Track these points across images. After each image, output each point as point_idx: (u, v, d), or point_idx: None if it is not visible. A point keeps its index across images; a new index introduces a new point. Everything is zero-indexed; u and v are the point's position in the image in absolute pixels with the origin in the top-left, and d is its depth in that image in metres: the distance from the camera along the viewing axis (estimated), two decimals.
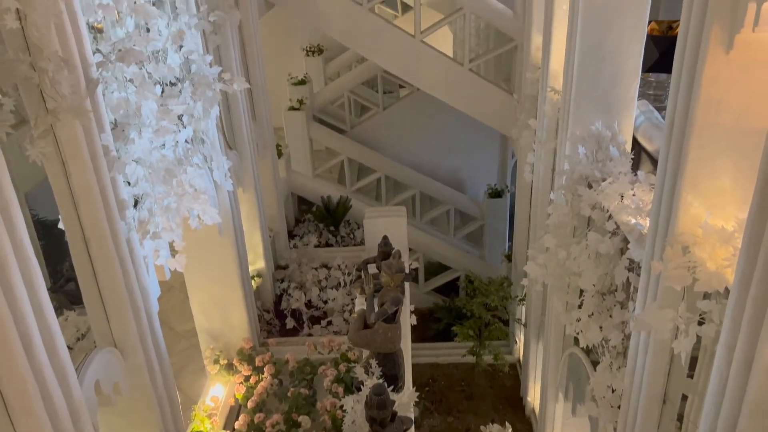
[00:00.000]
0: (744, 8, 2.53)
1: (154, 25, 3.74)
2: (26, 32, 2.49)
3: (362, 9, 7.94)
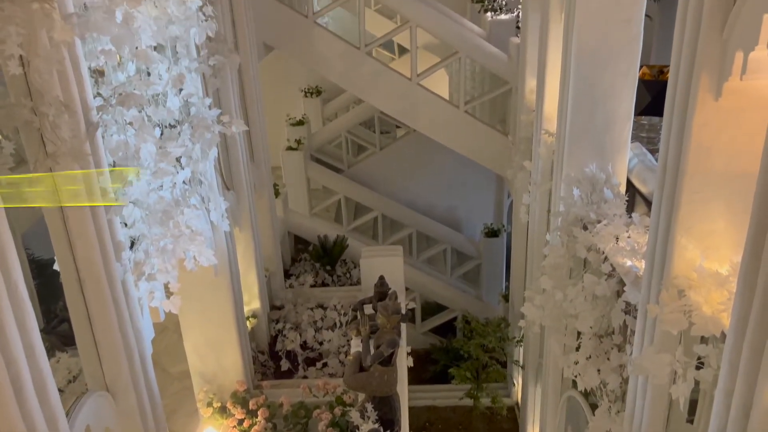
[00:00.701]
0: (731, 57, 2.59)
1: (155, 69, 3.81)
2: (29, 78, 2.53)
3: (360, 53, 8.10)
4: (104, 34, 3.05)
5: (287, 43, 8.14)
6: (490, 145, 8.32)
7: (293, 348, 6.66)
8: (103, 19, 3.02)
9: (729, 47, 2.61)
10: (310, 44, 7.98)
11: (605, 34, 4.55)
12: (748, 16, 2.48)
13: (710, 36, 2.64)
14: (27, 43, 2.44)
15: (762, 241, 2.17)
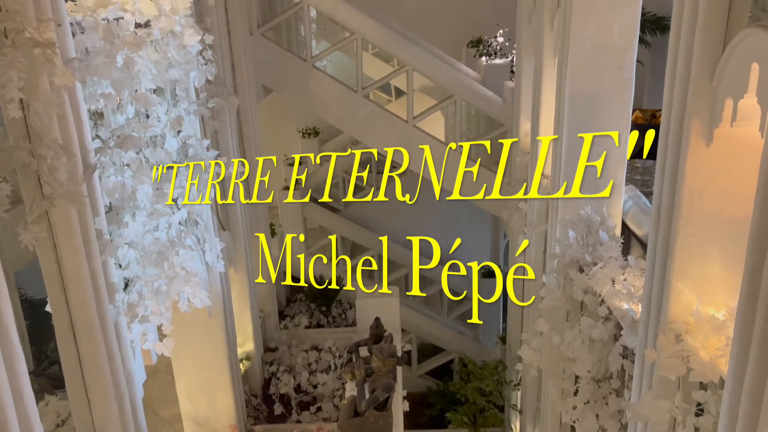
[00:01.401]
0: (721, 105, 2.64)
1: (154, 111, 3.86)
2: (28, 121, 2.56)
3: (357, 95, 8.22)
4: (105, 78, 3.10)
5: (286, 85, 8.27)
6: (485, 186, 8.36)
7: (287, 391, 6.55)
8: (104, 63, 3.08)
9: (719, 95, 2.66)
10: (308, 87, 8.09)
11: (598, 80, 4.63)
12: (736, 64, 2.53)
13: (700, 83, 2.69)
14: (28, 87, 2.47)
15: (757, 287, 2.16)
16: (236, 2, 5.95)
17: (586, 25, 4.66)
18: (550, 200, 5.45)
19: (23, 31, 2.35)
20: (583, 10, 4.63)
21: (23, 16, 2.40)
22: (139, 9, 3.60)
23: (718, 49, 2.70)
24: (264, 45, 7.91)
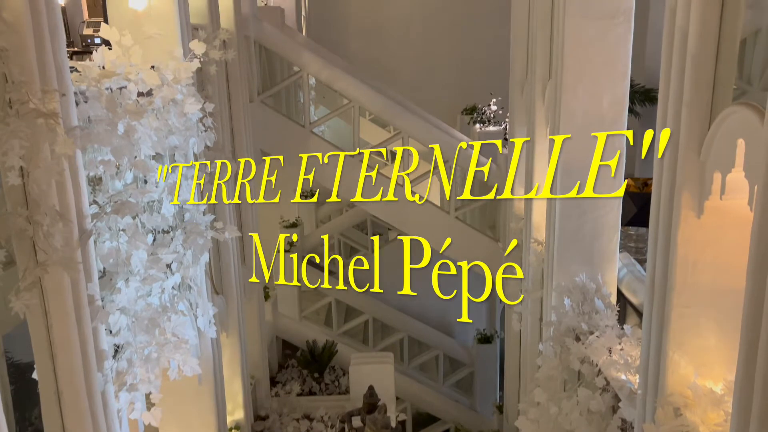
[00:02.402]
0: (710, 178, 2.69)
1: (152, 177, 3.90)
2: (27, 188, 2.58)
3: (354, 160, 8.34)
4: (105, 145, 3.15)
5: (284, 150, 8.39)
6: (480, 251, 8.37)
7: None
8: (106, 131, 3.13)
9: (707, 168, 2.72)
10: (306, 152, 8.21)
11: (589, 152, 4.71)
12: (722, 140, 2.60)
13: (688, 157, 2.76)
14: (29, 155, 2.51)
15: (753, 362, 2.15)
16: (237, 71, 6.13)
17: (576, 97, 4.80)
18: (545, 267, 5.45)
19: (28, 102, 2.41)
20: (573, 83, 4.79)
21: (29, 87, 2.46)
22: (142, 78, 3.71)
23: (705, 124, 2.78)
24: (263, 111, 8.09)
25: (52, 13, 2.75)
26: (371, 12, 13.84)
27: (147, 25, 4.43)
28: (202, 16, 5.57)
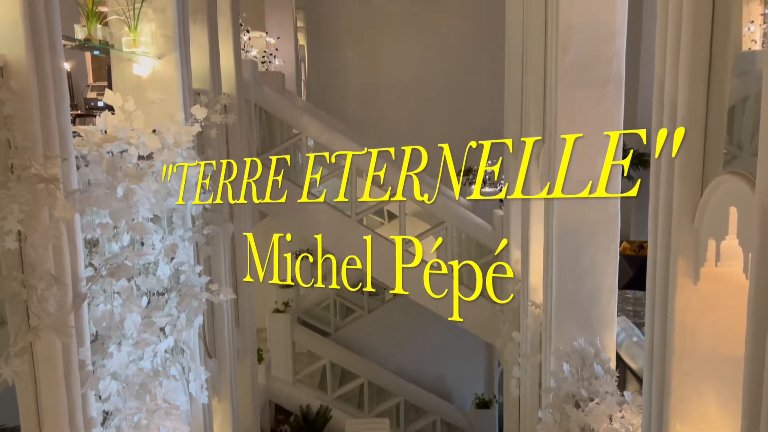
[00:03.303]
0: (704, 245, 2.71)
1: (149, 239, 3.91)
2: (23, 252, 2.58)
3: (351, 221, 8.40)
4: (104, 208, 3.18)
5: (281, 210, 8.46)
6: (478, 313, 8.31)
7: None
8: (105, 194, 3.16)
9: (701, 235, 2.74)
10: (303, 212, 8.28)
11: (584, 214, 4.78)
12: (715, 207, 2.64)
13: (682, 224, 2.79)
14: (27, 219, 2.52)
15: None
16: (237, 134, 6.24)
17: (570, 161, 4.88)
18: (543, 330, 5.40)
19: (30, 167, 2.44)
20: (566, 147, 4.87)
21: (32, 153, 2.50)
22: (143, 142, 3.77)
23: (697, 191, 2.83)
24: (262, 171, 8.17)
25: (59, 81, 2.83)
26: (369, 78, 14.24)
27: (150, 90, 4.54)
28: (205, 82, 5.71)
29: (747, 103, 3.67)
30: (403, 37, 14.13)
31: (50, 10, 2.80)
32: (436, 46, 13.97)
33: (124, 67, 4.62)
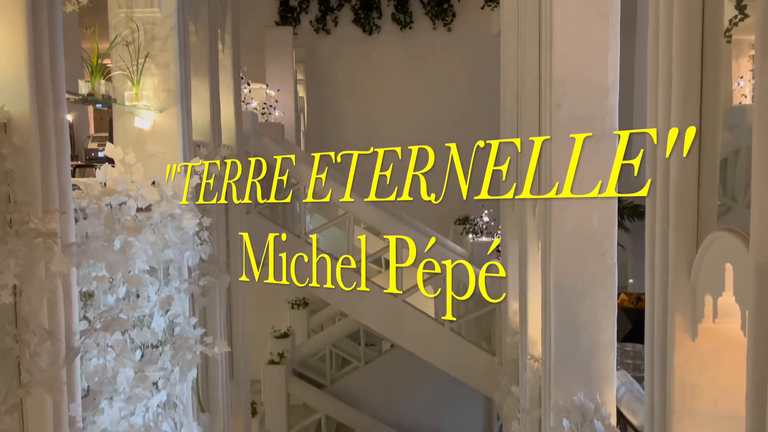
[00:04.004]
0: (701, 301, 2.71)
1: (145, 291, 3.89)
2: (18, 306, 2.56)
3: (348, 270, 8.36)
4: (101, 261, 3.17)
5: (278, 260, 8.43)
6: (476, 365, 8.21)
7: None
8: (102, 247, 3.16)
9: (698, 291, 2.74)
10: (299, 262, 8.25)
11: (581, 267, 4.78)
12: (710, 263, 2.65)
13: (678, 279, 2.79)
14: (23, 273, 2.51)
15: None
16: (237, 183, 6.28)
17: (565, 214, 4.91)
18: (542, 384, 5.31)
19: (29, 222, 2.45)
20: (563, 201, 4.91)
21: (31, 207, 2.51)
22: (142, 194, 3.80)
23: (692, 246, 2.84)
24: (260, 222, 8.21)
25: (61, 136, 2.87)
26: (367, 128, 14.47)
27: (151, 142, 4.61)
28: (205, 134, 5.80)
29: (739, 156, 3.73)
30: (400, 89, 14.44)
31: (55, 67, 2.86)
32: (432, 99, 14.26)
33: (126, 119, 4.69)
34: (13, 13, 2.64)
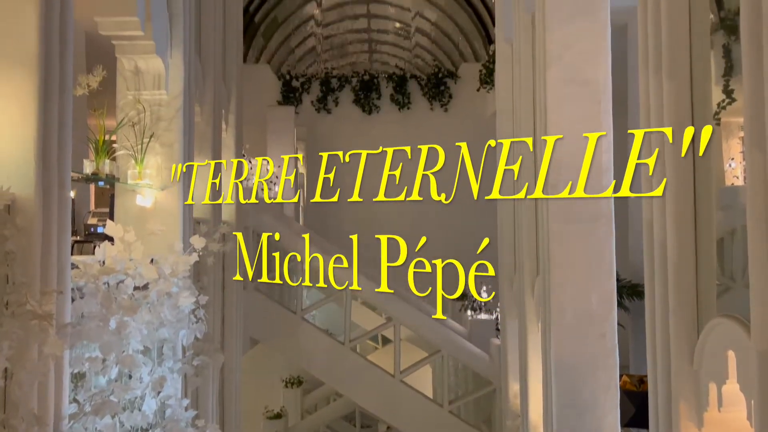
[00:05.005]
0: (705, 389, 2.66)
1: (138, 372, 3.80)
2: (7, 390, 2.50)
3: (344, 348, 8.23)
4: (95, 342, 3.12)
5: (273, 337, 8.32)
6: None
7: None
8: (97, 327, 3.12)
9: (701, 379, 2.69)
10: (296, 339, 8.14)
11: (582, 348, 4.71)
12: (712, 350, 2.62)
13: (681, 367, 2.75)
14: (16, 356, 2.46)
15: None
16: (234, 260, 6.28)
17: (565, 294, 4.90)
18: None
19: (25, 304, 2.43)
20: (561, 281, 4.91)
21: (29, 289, 2.50)
22: (140, 273, 3.79)
23: (693, 332, 2.82)
24: (256, 298, 8.15)
25: (63, 216, 2.90)
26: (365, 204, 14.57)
27: (152, 220, 4.64)
28: (205, 211, 5.85)
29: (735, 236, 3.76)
30: None
31: (63, 149, 2.93)
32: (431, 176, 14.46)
33: (128, 197, 4.75)
34: (26, 97, 2.73)
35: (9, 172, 2.64)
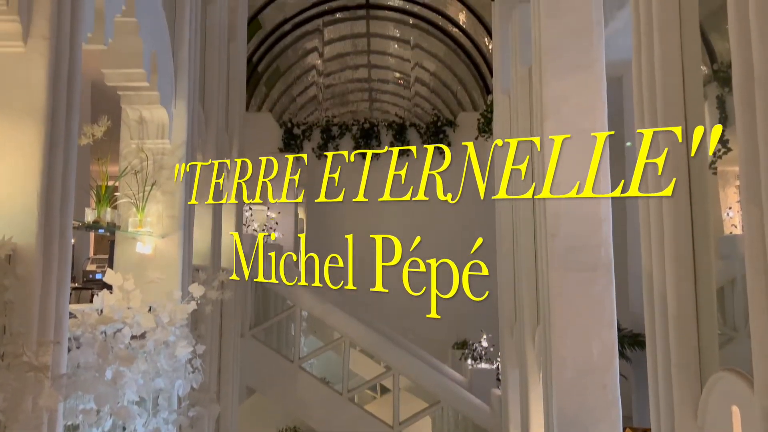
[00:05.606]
0: None
1: (132, 423, 3.73)
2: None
3: (342, 398, 8.09)
4: (90, 393, 3.08)
5: (270, 387, 8.19)
6: None
7: None
8: (93, 378, 3.08)
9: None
10: (293, 389, 8.01)
11: (583, 400, 4.64)
12: (716, 406, 2.58)
13: (685, 423, 2.71)
14: (10, 408, 2.43)
15: None
16: (232, 308, 6.25)
17: (565, 345, 4.85)
18: None
19: (21, 355, 2.41)
20: (561, 331, 4.87)
21: (26, 339, 2.48)
22: (138, 321, 3.76)
23: (696, 386, 2.78)
24: (253, 346, 8.06)
25: (63, 265, 2.89)
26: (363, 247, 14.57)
27: (151, 268, 4.63)
28: (205, 258, 5.86)
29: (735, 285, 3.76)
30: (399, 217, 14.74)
31: (66, 199, 2.94)
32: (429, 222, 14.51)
33: (128, 245, 4.76)
34: (31, 148, 2.76)
35: (11, 221, 2.65)
